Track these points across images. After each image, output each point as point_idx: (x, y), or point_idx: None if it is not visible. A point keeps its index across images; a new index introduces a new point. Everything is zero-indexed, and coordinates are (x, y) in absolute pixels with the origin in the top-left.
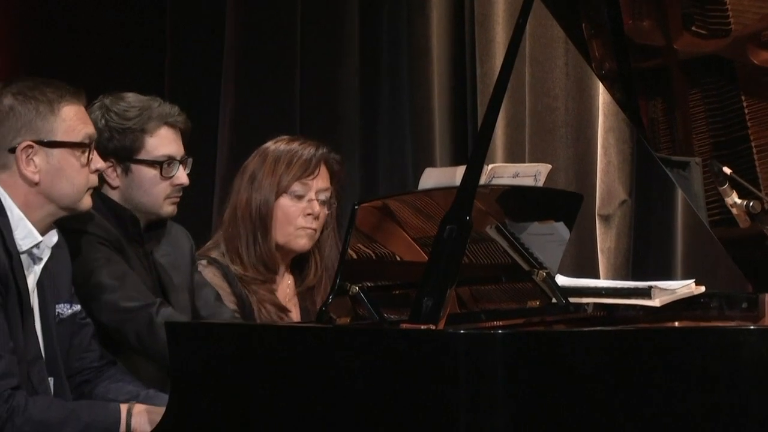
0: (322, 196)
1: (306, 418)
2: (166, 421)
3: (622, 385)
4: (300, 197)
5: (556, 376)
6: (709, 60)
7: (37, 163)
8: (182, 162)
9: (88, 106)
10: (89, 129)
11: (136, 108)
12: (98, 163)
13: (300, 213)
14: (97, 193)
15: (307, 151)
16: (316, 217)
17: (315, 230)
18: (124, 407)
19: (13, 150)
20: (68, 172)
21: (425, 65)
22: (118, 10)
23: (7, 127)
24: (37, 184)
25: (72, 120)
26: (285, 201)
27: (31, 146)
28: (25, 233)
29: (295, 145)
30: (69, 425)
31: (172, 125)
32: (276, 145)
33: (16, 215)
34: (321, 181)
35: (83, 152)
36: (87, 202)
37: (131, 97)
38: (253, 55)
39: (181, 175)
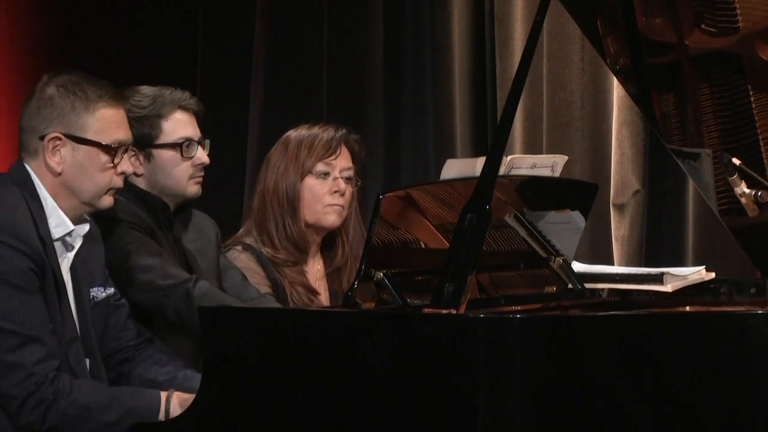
0: (346, 174)
1: (332, 399)
2: (200, 402)
3: (635, 367)
4: (325, 176)
5: (571, 358)
6: (718, 56)
7: (62, 155)
8: (200, 143)
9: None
10: (121, 135)
11: (149, 97)
12: (125, 166)
13: (327, 191)
14: (126, 183)
15: (327, 133)
16: (343, 194)
17: (342, 207)
18: (163, 395)
19: (42, 138)
20: (91, 170)
21: (447, 61)
22: (152, 4)
23: (43, 115)
24: (59, 174)
25: (105, 122)
26: (311, 181)
27: (59, 138)
28: (59, 222)
29: (315, 130)
30: (111, 410)
31: (185, 108)
32: (297, 132)
33: (49, 204)
34: (343, 161)
35: (110, 155)
36: (107, 202)
37: (144, 88)
38: (281, 50)
39: (201, 155)
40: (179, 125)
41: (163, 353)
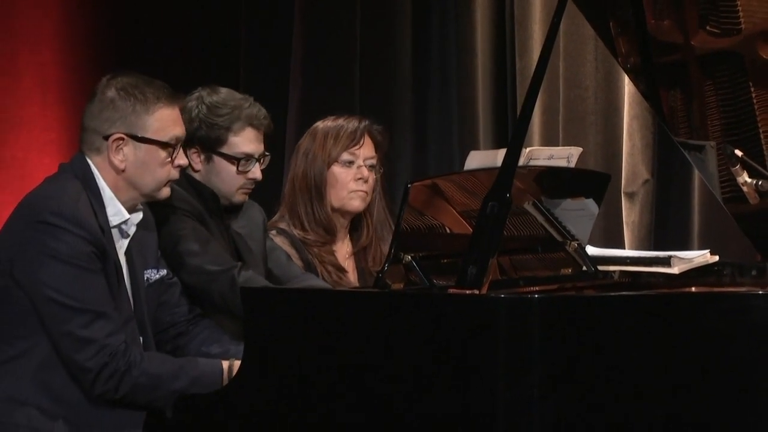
0: (369, 162)
1: (363, 373)
2: (241, 377)
3: (645, 343)
4: (350, 164)
5: (586, 335)
6: (722, 55)
7: (125, 153)
8: (259, 159)
9: (186, 96)
10: (178, 131)
11: (228, 106)
12: (181, 159)
13: (351, 178)
14: (182, 172)
15: (351, 124)
16: (366, 181)
17: (366, 192)
18: (225, 364)
19: (106, 138)
20: (152, 166)
21: (470, 60)
22: (199, 9)
23: (105, 116)
24: (123, 171)
25: (163, 121)
26: (336, 169)
27: (122, 138)
28: (115, 211)
29: (340, 121)
30: (179, 379)
31: (256, 127)
32: (324, 123)
33: (107, 195)
34: (367, 150)
35: (168, 151)
36: (165, 193)
37: (225, 93)
38: (317, 52)
39: (256, 171)
40: (244, 142)
41: (215, 328)
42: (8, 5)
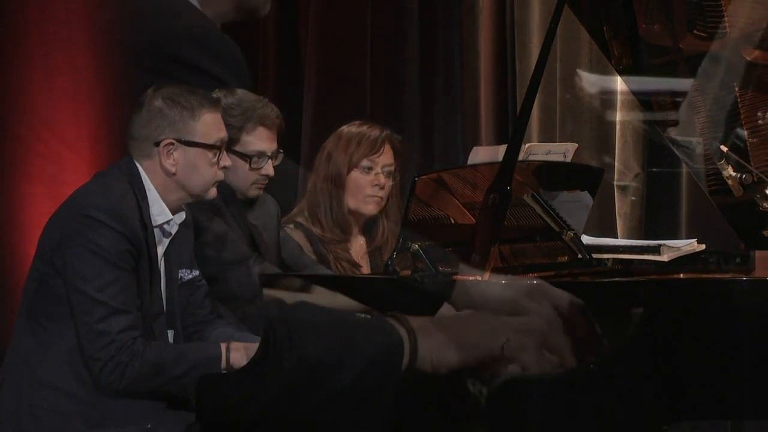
0: (387, 170)
1: (374, 349)
2: (260, 356)
3: (636, 325)
4: (368, 170)
5: (581, 318)
6: (708, 57)
7: (175, 157)
8: (272, 156)
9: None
10: (222, 134)
11: (241, 107)
12: (226, 161)
13: (368, 184)
14: None
15: (373, 132)
16: (382, 187)
17: (381, 198)
18: (223, 345)
19: (157, 144)
20: (200, 167)
21: (474, 62)
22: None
23: (155, 124)
24: (174, 174)
25: (208, 125)
26: (355, 174)
27: (172, 143)
28: (160, 211)
29: (364, 128)
30: (180, 364)
31: (268, 126)
32: (348, 128)
33: (153, 196)
34: (386, 158)
35: (214, 153)
36: (213, 193)
37: (240, 95)
38: (330, 54)
39: (268, 167)
40: (257, 140)
41: (228, 325)
42: (42, 12)
